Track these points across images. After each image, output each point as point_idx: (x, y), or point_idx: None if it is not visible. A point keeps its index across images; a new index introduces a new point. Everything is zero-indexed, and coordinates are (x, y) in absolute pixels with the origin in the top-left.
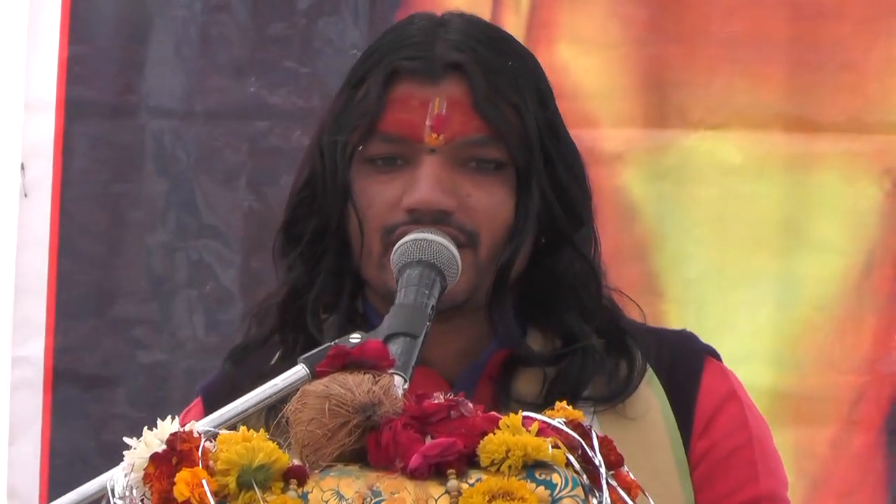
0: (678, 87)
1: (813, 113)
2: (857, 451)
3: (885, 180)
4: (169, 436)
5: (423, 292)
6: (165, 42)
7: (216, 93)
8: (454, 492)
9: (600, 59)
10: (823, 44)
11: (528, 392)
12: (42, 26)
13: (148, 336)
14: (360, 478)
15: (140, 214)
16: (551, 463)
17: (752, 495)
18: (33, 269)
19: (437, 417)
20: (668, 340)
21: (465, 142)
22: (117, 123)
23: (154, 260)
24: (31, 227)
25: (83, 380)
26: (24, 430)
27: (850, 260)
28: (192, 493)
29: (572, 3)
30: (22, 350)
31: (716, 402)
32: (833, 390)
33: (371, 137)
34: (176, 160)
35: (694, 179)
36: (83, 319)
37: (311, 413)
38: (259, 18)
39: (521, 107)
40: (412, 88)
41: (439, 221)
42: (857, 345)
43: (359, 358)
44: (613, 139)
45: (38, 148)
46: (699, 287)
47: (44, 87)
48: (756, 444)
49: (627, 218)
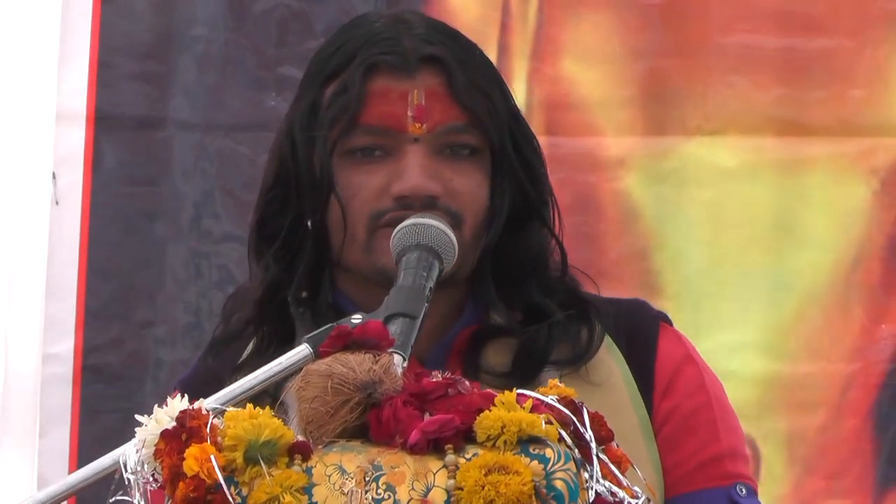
0: (676, 96)
1: (803, 118)
2: (846, 436)
3: (872, 180)
4: (179, 413)
5: (422, 275)
6: (189, 59)
7: (237, 107)
8: (452, 466)
9: (603, 71)
10: (812, 54)
11: (496, 362)
12: (73, 43)
13: (172, 336)
14: (361, 453)
15: (165, 221)
16: (545, 438)
17: (715, 452)
18: (63, 272)
19: (436, 395)
20: (624, 309)
21: (446, 129)
22: (144, 135)
23: (178, 264)
24: (61, 232)
25: (110, 376)
26: (54, 423)
27: (839, 255)
28: (201, 467)
29: (576, 20)
30: (52, 348)
31: (673, 365)
32: (823, 378)
33: (352, 131)
34: (199, 170)
35: (691, 183)
36: (110, 320)
37: (314, 391)
38: (278, 37)
39: (491, 94)
40: (390, 81)
41: (427, 206)
42: (846, 335)
43: (360, 338)
44: (616, 146)
45: (68, 158)
46: (696, 284)
47: (75, 100)
48: (715, 404)
49: (629, 220)
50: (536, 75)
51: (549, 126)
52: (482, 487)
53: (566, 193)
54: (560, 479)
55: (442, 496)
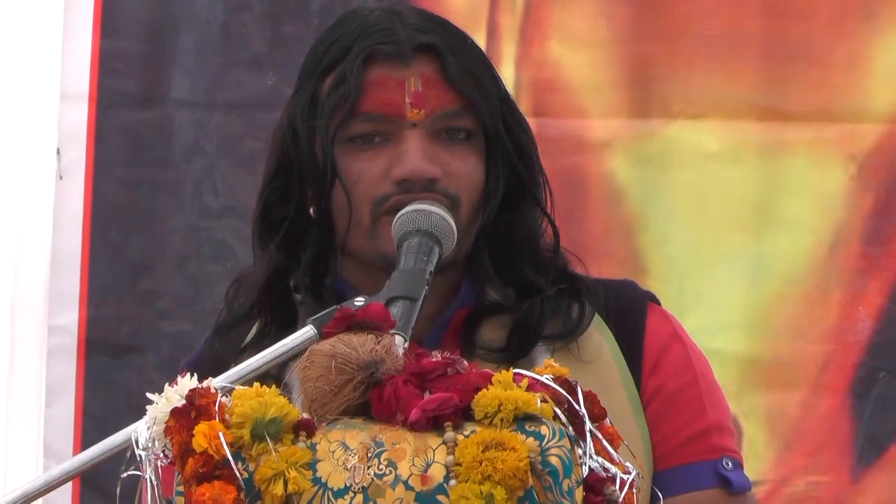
0: (660, 80)
1: (783, 104)
2: (824, 413)
3: (850, 165)
4: (188, 391)
5: (422, 259)
6: (190, 39)
7: (236, 86)
8: (451, 442)
9: (589, 55)
10: (793, 41)
11: (491, 338)
12: (76, 24)
13: (173, 308)
14: (364, 430)
15: (166, 196)
16: (540, 416)
17: (701, 427)
18: (68, 246)
19: (435, 374)
20: (613, 288)
21: (442, 114)
22: (146, 113)
23: (179, 238)
24: (65, 207)
25: (114, 348)
26: (59, 394)
27: (818, 238)
28: (210, 444)
29: (563, 4)
30: (58, 320)
31: (661, 343)
32: (802, 357)
33: (352, 119)
34: (199, 147)
35: (675, 165)
36: (114, 292)
37: (318, 370)
38: (275, 18)
39: (482, 80)
40: (387, 70)
41: (427, 189)
42: (824, 316)
43: (362, 319)
44: (601, 128)
45: (72, 135)
46: (680, 264)
47: (78, 79)
48: (701, 380)
49: (614, 201)
50: (525, 58)
51: (537, 108)
52: (480, 463)
53: (552, 174)
54: (555, 455)
55: (441, 471)
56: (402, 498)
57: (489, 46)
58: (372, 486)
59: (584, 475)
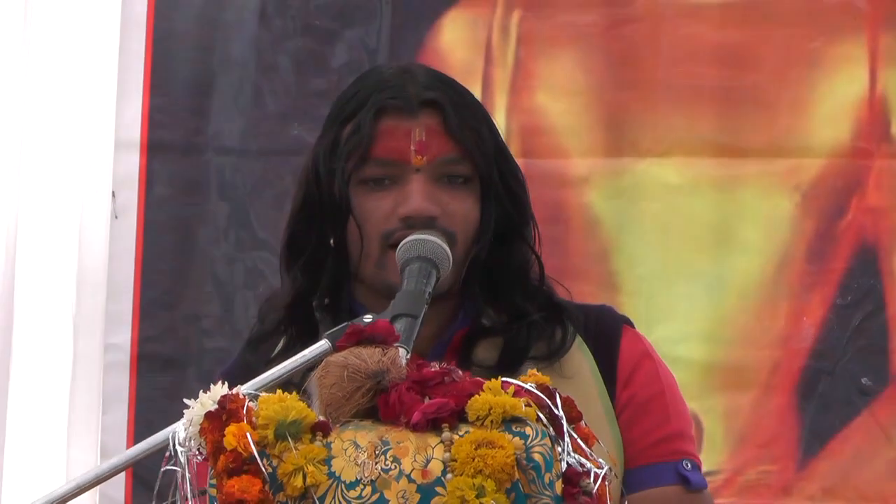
0: (630, 124)
1: (737, 142)
2: (773, 411)
3: (795, 194)
4: (220, 397)
5: (422, 281)
6: (226, 94)
7: (267, 134)
8: (447, 441)
9: (569, 103)
10: (745, 88)
11: (485, 357)
12: (129, 82)
13: (213, 328)
14: (372, 430)
15: (207, 231)
16: (525, 418)
17: (666, 432)
18: (122, 275)
19: (434, 382)
20: (592, 313)
21: (442, 160)
22: (189, 159)
23: (218, 267)
24: (120, 242)
25: (161, 362)
26: (114, 403)
27: (767, 258)
28: (239, 443)
29: (548, 59)
30: (113, 339)
31: (633, 361)
32: (754, 362)
33: (365, 163)
34: (235, 188)
35: (644, 197)
36: (161, 314)
37: (332, 379)
38: (301, 75)
39: (480, 132)
40: (396, 121)
41: (427, 226)
42: (773, 325)
43: (371, 334)
44: (580, 166)
45: (126, 179)
46: (649, 282)
47: (131, 130)
48: (667, 393)
49: (592, 228)
50: (514, 107)
51: (525, 149)
52: (473, 459)
53: (539, 206)
54: (538, 453)
55: (439, 466)
56: (405, 489)
57: (484, 97)
58: (379, 479)
59: (563, 470)
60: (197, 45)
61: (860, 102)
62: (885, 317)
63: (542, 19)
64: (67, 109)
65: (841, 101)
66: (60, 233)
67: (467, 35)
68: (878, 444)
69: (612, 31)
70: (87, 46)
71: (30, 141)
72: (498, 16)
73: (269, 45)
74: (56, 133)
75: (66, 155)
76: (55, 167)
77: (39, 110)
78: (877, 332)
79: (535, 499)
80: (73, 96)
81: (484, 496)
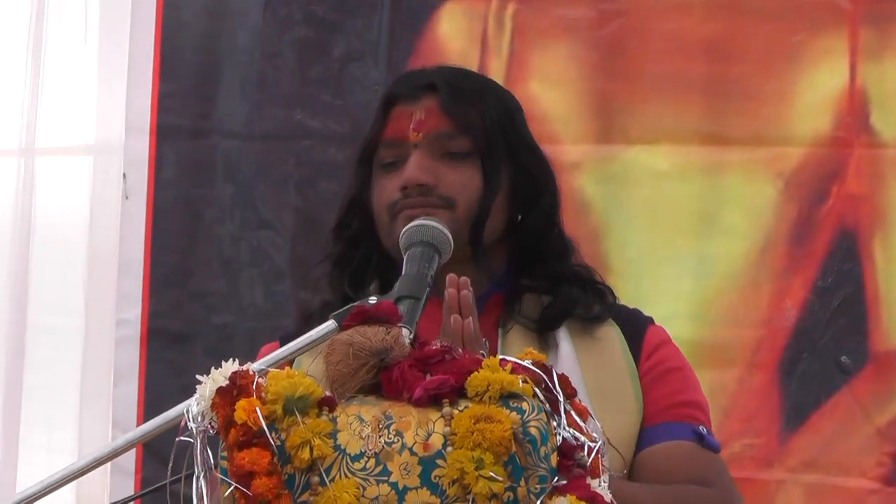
0: (620, 112)
1: (722, 131)
2: (757, 387)
3: (778, 181)
4: (231, 374)
5: (424, 265)
6: (232, 81)
7: (271, 119)
8: (448, 416)
9: (562, 91)
10: (730, 79)
11: (528, 312)
12: (139, 69)
13: (219, 304)
14: (376, 405)
15: (213, 212)
16: (522, 394)
17: (685, 398)
18: (133, 254)
19: (435, 360)
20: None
21: (437, 134)
22: (196, 143)
23: (224, 246)
24: (130, 222)
25: (170, 337)
26: (125, 376)
27: (751, 242)
28: (248, 417)
29: (541, 50)
30: (124, 314)
31: (657, 342)
32: (738, 341)
33: (379, 147)
34: (240, 171)
35: (632, 183)
36: (170, 291)
37: (338, 356)
38: (303, 63)
39: (482, 110)
40: (402, 107)
41: (424, 194)
42: (757, 306)
43: (375, 314)
44: (572, 152)
45: (136, 162)
46: (637, 264)
47: (140, 115)
48: (687, 371)
49: (583, 212)
50: None
51: None
52: (472, 433)
53: None
54: (534, 427)
55: (440, 440)
56: (407, 462)
57: None
58: (383, 451)
59: (559, 443)
60: (204, 33)
61: (841, 94)
62: (864, 298)
63: (535, 12)
64: (81, 95)
65: (822, 92)
66: (73, 213)
67: (464, 26)
68: (857, 420)
69: (602, 24)
70: (99, 36)
71: (44, 126)
72: (493, 8)
73: (274, 34)
74: (70, 118)
75: (77, 140)
76: (68, 150)
77: (53, 97)
78: (856, 314)
79: (532, 471)
80: (85, 82)
81: (483, 468)
